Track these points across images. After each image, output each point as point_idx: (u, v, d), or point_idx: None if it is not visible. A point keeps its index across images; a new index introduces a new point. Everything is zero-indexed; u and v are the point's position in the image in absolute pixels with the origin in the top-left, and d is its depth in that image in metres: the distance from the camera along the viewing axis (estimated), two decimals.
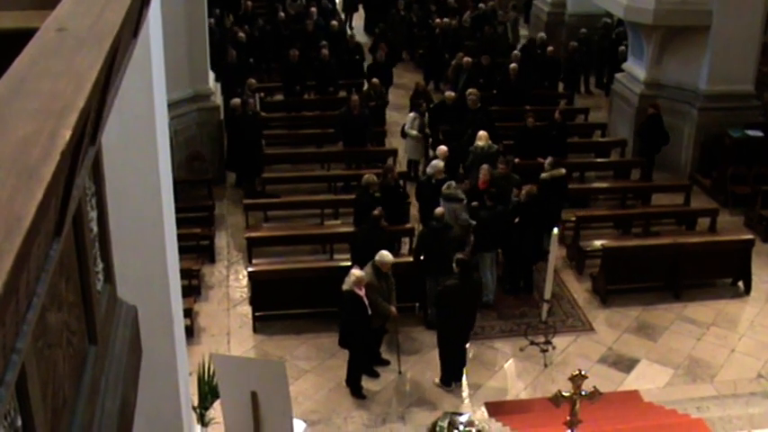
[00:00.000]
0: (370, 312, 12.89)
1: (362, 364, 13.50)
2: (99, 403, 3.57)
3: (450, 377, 13.65)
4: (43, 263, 2.68)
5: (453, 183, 15.96)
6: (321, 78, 23.57)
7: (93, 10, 3.39)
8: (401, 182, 17.88)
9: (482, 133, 18.12)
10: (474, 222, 15.63)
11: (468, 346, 14.02)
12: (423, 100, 21.02)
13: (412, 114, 20.19)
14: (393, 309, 13.45)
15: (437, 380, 13.73)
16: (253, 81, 21.66)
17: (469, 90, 20.44)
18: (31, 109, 2.64)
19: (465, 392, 13.53)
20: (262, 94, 23.09)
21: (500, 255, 16.11)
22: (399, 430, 12.74)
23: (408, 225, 16.96)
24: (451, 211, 15.42)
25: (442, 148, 17.45)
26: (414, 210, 17.56)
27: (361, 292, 12.73)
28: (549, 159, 17.48)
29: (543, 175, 17.32)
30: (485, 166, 16.80)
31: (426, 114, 20.30)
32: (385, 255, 13.39)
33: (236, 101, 19.50)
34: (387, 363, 13.98)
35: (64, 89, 2.76)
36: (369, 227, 14.97)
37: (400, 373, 13.86)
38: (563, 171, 17.60)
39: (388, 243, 15.31)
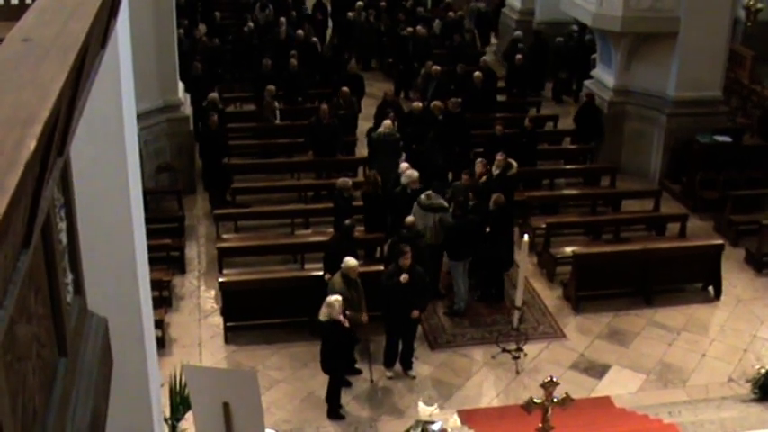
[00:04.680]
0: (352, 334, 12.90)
1: (342, 385, 13.46)
2: (70, 416, 3.54)
3: (392, 359, 14.02)
4: (11, 275, 2.66)
5: (431, 192, 15.88)
6: (290, 88, 23.51)
7: (58, 20, 3.38)
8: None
9: (386, 122, 18.83)
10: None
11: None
12: (391, 109, 20.79)
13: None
14: (364, 317, 13.45)
15: (389, 373, 14.03)
16: (272, 88, 21.78)
17: (443, 101, 20.41)
18: None
19: (437, 401, 13.53)
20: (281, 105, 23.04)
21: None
22: None
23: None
24: (434, 222, 15.43)
25: (404, 164, 17.25)
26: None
27: (343, 318, 12.60)
28: (501, 156, 17.57)
29: (512, 170, 17.56)
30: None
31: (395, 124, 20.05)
32: (350, 260, 13.45)
33: (214, 96, 19.81)
34: (358, 372, 13.95)
35: (29, 100, 2.74)
36: (340, 236, 14.95)
37: (372, 381, 13.84)
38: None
39: (366, 251, 15.22)
